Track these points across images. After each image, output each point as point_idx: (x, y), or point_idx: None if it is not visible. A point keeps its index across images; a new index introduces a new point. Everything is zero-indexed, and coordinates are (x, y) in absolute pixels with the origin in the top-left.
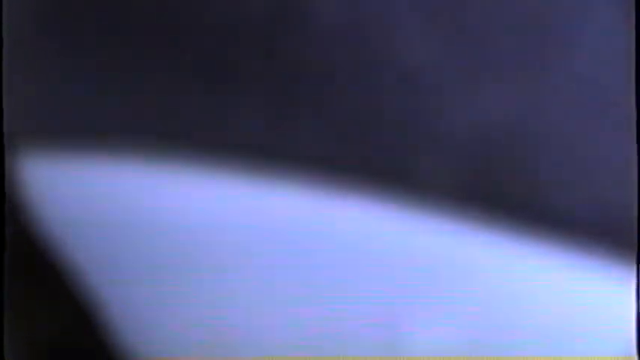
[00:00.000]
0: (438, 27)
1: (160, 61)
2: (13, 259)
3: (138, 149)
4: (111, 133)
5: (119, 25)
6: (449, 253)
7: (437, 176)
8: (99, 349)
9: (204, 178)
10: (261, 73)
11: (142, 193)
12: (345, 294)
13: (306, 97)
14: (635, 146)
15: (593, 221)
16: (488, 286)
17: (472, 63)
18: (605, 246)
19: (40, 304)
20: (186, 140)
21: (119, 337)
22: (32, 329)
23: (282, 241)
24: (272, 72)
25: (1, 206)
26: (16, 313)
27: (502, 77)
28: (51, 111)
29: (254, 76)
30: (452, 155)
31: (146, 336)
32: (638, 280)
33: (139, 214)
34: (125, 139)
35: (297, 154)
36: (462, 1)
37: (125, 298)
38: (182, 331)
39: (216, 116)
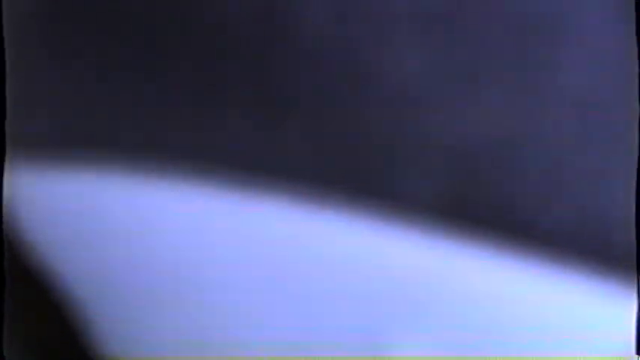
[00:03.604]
0: (427, 39)
1: (151, 72)
2: (9, 261)
3: (126, 160)
4: (102, 143)
5: (118, 32)
6: (434, 266)
7: (420, 189)
8: (84, 352)
9: (191, 189)
10: (248, 85)
11: (131, 203)
12: (329, 306)
13: (293, 109)
14: (629, 158)
15: (577, 232)
16: (472, 299)
17: (459, 76)
18: (603, 249)
19: (32, 307)
20: (173, 151)
21: (104, 338)
22: (29, 332)
23: (267, 253)
24: (260, 83)
25: (0, 207)
26: (14, 315)
27: (489, 89)
28: (49, 117)
29: (241, 87)
30: (435, 168)
31: (137, 338)
32: (638, 282)
33: (128, 224)
34: (115, 151)
35: (283, 166)
36: (452, 13)
37: (116, 305)
38: (171, 336)
39: (203, 128)
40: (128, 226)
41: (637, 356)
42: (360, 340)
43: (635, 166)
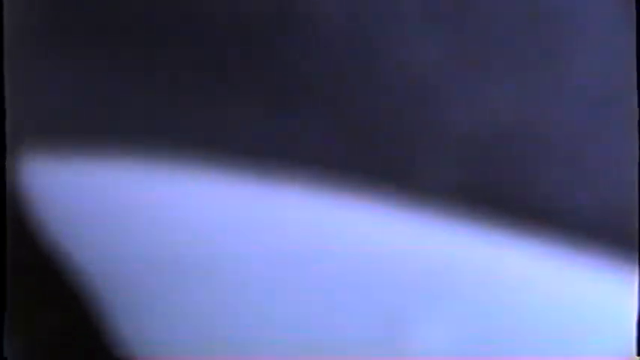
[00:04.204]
0: (440, 28)
1: (161, 62)
2: (13, 257)
3: (138, 148)
4: (111, 132)
5: (119, 25)
6: (450, 253)
7: (438, 177)
8: (97, 348)
9: (205, 177)
10: (263, 72)
11: (141, 192)
12: (346, 294)
13: (308, 98)
14: (636, 145)
15: (594, 221)
16: (489, 287)
17: (473, 64)
18: (605, 246)
19: (39, 302)
20: (187, 139)
21: (118, 335)
22: (32, 328)
23: (283, 241)
24: (274, 72)
25: (1, 206)
26: (15, 312)
27: (503, 78)
28: (50, 110)
29: (256, 74)
30: (453, 156)
31: (145, 335)
32: (639, 282)
33: (138, 214)
34: (125, 139)
35: (298, 154)
36: (464, 3)
37: (125, 298)
38: (182, 330)
39: (218, 116)
40: (139, 218)
41: (637, 357)
42: (379, 329)
43: None
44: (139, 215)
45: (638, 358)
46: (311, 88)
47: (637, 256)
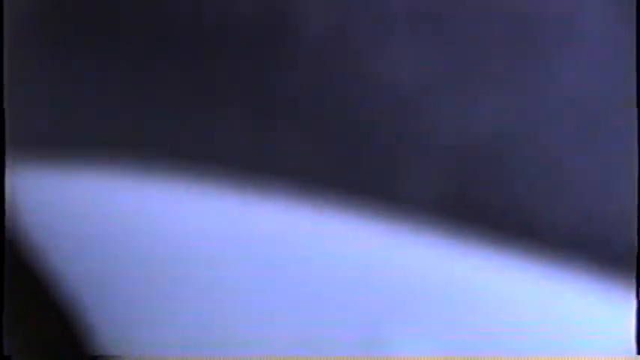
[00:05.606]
0: (426, 39)
1: (151, 72)
2: (10, 259)
3: (128, 158)
4: (101, 143)
5: (115, 34)
6: (434, 266)
7: (420, 189)
8: (86, 349)
9: (191, 188)
10: (248, 84)
11: (131, 201)
12: (329, 306)
13: (293, 109)
14: (625, 157)
15: (578, 233)
16: (472, 298)
17: (459, 76)
18: (591, 256)
19: (31, 306)
20: (173, 150)
21: (107, 337)
22: (26, 330)
23: (268, 253)
24: (259, 83)
25: (1, 207)
26: (14, 313)
27: (489, 90)
28: (35, 120)
29: (241, 86)
30: (435, 168)
31: (135, 335)
32: (637, 282)
33: (128, 222)
34: (116, 149)
35: (283, 165)
36: (451, 12)
37: (116, 302)
38: (172, 334)
39: (203, 126)
40: (129, 225)
41: (637, 356)
42: (360, 339)
43: (636, 166)
44: (128, 222)
45: (638, 358)
46: (294, 100)
47: (635, 264)
